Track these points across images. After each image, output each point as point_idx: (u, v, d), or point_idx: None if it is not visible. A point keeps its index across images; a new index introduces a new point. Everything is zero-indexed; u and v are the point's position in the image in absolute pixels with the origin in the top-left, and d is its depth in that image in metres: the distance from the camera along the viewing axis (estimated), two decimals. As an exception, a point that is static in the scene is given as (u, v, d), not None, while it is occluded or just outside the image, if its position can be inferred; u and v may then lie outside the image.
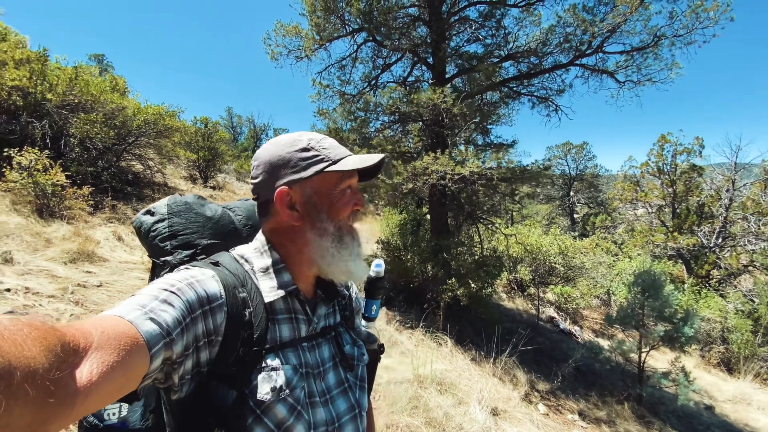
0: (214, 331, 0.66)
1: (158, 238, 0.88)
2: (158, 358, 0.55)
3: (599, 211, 25.21)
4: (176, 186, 11.24)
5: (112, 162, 8.33)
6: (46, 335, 0.41)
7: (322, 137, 0.82)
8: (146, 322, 0.55)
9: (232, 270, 0.74)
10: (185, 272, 0.69)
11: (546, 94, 8.47)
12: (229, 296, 0.69)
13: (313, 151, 0.78)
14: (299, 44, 8.42)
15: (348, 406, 0.81)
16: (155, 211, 0.92)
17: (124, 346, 0.50)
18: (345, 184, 0.80)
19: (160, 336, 0.56)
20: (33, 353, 0.38)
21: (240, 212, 1.03)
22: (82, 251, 4.96)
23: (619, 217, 20.26)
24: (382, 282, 0.99)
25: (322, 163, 0.77)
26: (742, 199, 13.02)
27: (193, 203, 0.95)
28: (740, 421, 6.39)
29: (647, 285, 6.60)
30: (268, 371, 0.69)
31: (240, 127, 35.30)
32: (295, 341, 0.76)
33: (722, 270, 12.50)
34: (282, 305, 0.77)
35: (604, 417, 5.71)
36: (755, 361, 8.27)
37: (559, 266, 12.06)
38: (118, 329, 0.51)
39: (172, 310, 0.60)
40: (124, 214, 7.53)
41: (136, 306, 0.57)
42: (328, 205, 0.79)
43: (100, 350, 0.47)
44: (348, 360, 0.84)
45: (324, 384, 0.79)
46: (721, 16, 5.35)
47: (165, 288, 0.63)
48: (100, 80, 7.98)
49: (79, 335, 0.46)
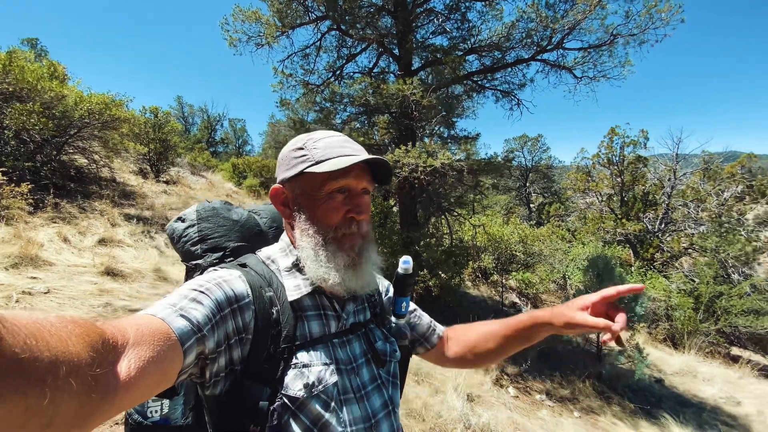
0: (244, 329, 0.68)
1: (189, 243, 0.94)
2: (191, 353, 0.58)
3: (553, 200, 26.52)
4: (126, 181, 10.45)
5: (53, 156, 7.57)
6: (88, 332, 0.43)
7: (326, 136, 0.80)
8: (178, 319, 0.57)
9: (258, 270, 0.77)
10: (213, 273, 0.72)
11: (509, 88, 8.69)
12: (256, 295, 0.72)
13: (303, 150, 0.78)
14: (259, 31, 8.03)
15: (382, 403, 0.81)
16: (185, 217, 0.98)
17: (158, 342, 0.52)
18: (331, 186, 0.76)
19: (191, 332, 0.58)
20: (77, 349, 0.39)
21: (265, 215, 1.07)
22: (25, 255, 4.49)
23: (572, 205, 21.44)
24: (412, 279, 0.97)
25: (305, 162, 0.77)
26: (683, 187, 14.22)
27: (220, 208, 1.00)
28: (688, 392, 7.03)
29: (601, 269, 7.04)
30: (300, 368, 0.70)
31: (192, 117, 33.42)
32: (325, 337, 0.77)
33: (665, 253, 13.62)
34: (310, 302, 0.78)
35: (568, 395, 6.05)
36: (697, 336, 9.11)
37: (519, 254, 12.57)
38: (152, 326, 0.53)
39: (202, 308, 0.62)
40: (68, 213, 6.88)
41: (167, 305, 0.60)
42: (310, 208, 0.78)
43: (137, 347, 0.49)
44: (380, 356, 0.84)
45: (359, 380, 0.79)
46: (672, 18, 5.73)
47: (194, 288, 0.65)
48: (36, 66, 7.16)
49: (117, 333, 0.48)
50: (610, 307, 0.81)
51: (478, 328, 1.06)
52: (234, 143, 34.24)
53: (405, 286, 0.96)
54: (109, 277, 5.00)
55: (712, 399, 6.92)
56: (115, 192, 8.88)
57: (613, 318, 0.78)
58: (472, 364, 1.06)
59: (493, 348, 1.00)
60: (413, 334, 1.04)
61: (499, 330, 1.00)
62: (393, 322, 0.99)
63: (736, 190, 14.42)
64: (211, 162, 18.81)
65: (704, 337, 9.03)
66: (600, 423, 5.45)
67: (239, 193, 15.33)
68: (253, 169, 17.25)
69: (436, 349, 1.06)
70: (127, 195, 9.31)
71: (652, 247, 13.48)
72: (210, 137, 32.34)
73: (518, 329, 0.96)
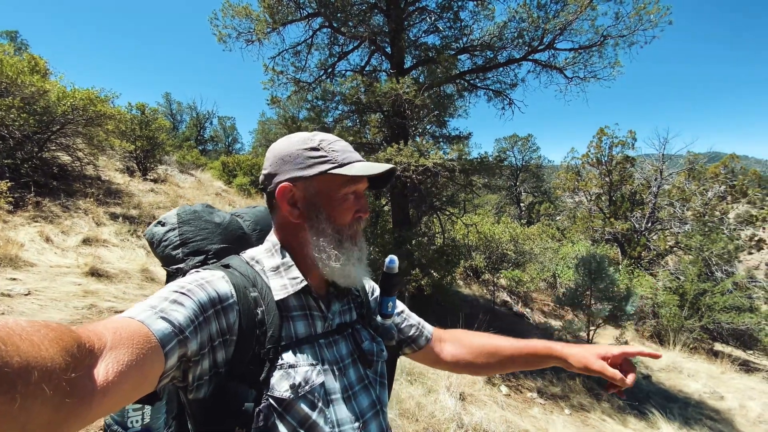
0: (228, 331, 0.67)
1: (170, 247, 0.91)
2: (173, 356, 0.56)
3: (543, 199, 26.83)
4: (111, 179, 10.20)
5: (34, 153, 7.34)
6: (62, 336, 0.41)
7: (336, 139, 0.82)
8: (158, 321, 0.56)
9: (242, 271, 0.76)
10: (195, 275, 0.71)
11: (500, 87, 8.74)
12: (240, 296, 0.70)
13: (321, 152, 0.78)
14: (250, 27, 7.91)
15: (369, 403, 0.80)
16: (165, 221, 0.95)
17: (138, 344, 0.50)
18: (349, 188, 0.79)
19: (172, 334, 0.56)
20: (50, 353, 0.38)
21: (248, 218, 1.05)
22: (4, 256, 4.34)
23: (562, 204, 21.71)
24: (397, 278, 0.96)
25: (327, 164, 0.77)
26: (669, 187, 14.49)
27: (201, 211, 0.97)
28: (674, 388, 7.16)
29: (593, 268, 7.12)
30: (286, 369, 0.70)
31: (180, 114, 32.86)
32: (311, 338, 0.77)
33: (652, 251, 13.88)
34: (295, 302, 0.78)
35: (559, 393, 6.11)
36: (683, 332, 9.30)
37: (510, 252, 12.68)
38: (130, 329, 0.52)
39: (184, 309, 0.61)
40: (51, 212, 6.69)
41: (146, 307, 0.58)
42: (328, 208, 0.79)
43: (115, 350, 0.48)
44: (366, 356, 0.84)
45: (346, 380, 0.79)
46: (660, 20, 5.82)
47: (175, 290, 0.64)
48: (16, 60, 6.93)
49: (94, 336, 0.47)
50: (625, 362, 0.89)
51: (485, 339, 1.07)
52: (224, 141, 33.82)
53: (391, 286, 0.95)
54: (94, 277, 4.86)
55: (697, 394, 7.07)
56: (100, 190, 8.66)
57: (625, 371, 0.88)
58: (467, 370, 1.06)
59: (494, 363, 1.02)
60: (400, 335, 1.03)
61: (508, 348, 1.01)
62: (379, 321, 0.97)
63: (719, 190, 14.75)
64: (200, 160, 18.52)
65: (689, 334, 9.22)
66: (590, 419, 5.51)
67: (229, 192, 15.12)
68: (243, 167, 17.03)
69: (426, 350, 1.05)
70: (113, 193, 9.09)
71: (639, 245, 13.71)
72: (199, 135, 31.86)
73: (530, 354, 0.99)
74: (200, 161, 18.20)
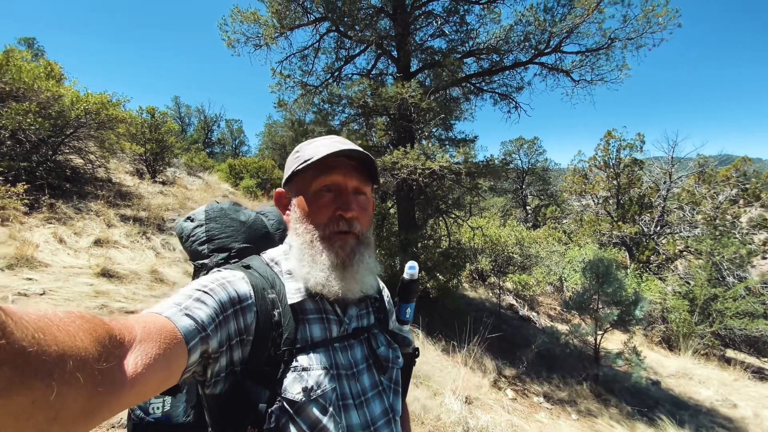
0: (245, 330, 0.69)
1: (196, 243, 0.94)
2: (196, 351, 0.58)
3: (549, 202, 26.63)
4: (122, 182, 10.36)
5: (49, 156, 7.49)
6: (96, 327, 0.43)
7: (321, 138, 0.82)
8: (183, 318, 0.58)
9: (261, 272, 0.77)
10: (217, 274, 0.73)
11: (506, 90, 8.73)
12: (258, 297, 0.72)
13: (298, 153, 0.80)
14: (258, 32, 8.02)
15: (382, 410, 0.79)
16: (194, 217, 0.98)
17: (164, 339, 0.53)
18: (319, 183, 0.77)
19: (196, 331, 0.58)
20: (85, 344, 0.39)
21: (272, 217, 1.07)
22: (20, 256, 4.44)
23: (568, 208, 21.53)
24: (416, 285, 0.97)
25: (296, 163, 0.79)
26: (678, 190, 14.31)
27: (228, 209, 1.00)
28: (684, 395, 7.05)
29: (601, 272, 7.06)
30: (299, 371, 0.70)
31: (189, 117, 33.35)
32: (326, 341, 0.76)
33: (661, 255, 13.70)
34: (312, 305, 0.78)
35: (566, 397, 6.06)
36: (693, 338, 9.16)
37: (516, 256, 12.60)
38: (158, 324, 0.54)
39: (206, 307, 0.63)
40: (64, 214, 6.81)
41: (172, 304, 0.60)
42: (301, 207, 0.79)
43: (144, 343, 0.49)
44: (381, 362, 0.83)
45: (359, 386, 0.78)
46: (669, 22, 5.78)
47: (198, 288, 0.66)
48: (33, 66, 7.09)
49: (124, 329, 0.48)
50: None
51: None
52: (231, 144, 34.19)
53: (410, 292, 0.96)
54: (105, 278, 4.95)
55: (708, 401, 6.95)
56: (111, 192, 8.81)
57: None
58: None
59: None
60: None
61: None
62: (397, 328, 0.98)
63: (731, 193, 14.55)
64: (208, 163, 18.72)
65: (699, 340, 9.07)
66: (597, 425, 5.45)
67: (236, 194, 15.25)
68: (250, 170, 17.18)
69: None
70: (123, 195, 9.23)
71: (647, 249, 13.56)
72: (207, 138, 32.25)
73: None
74: (208, 164, 18.40)
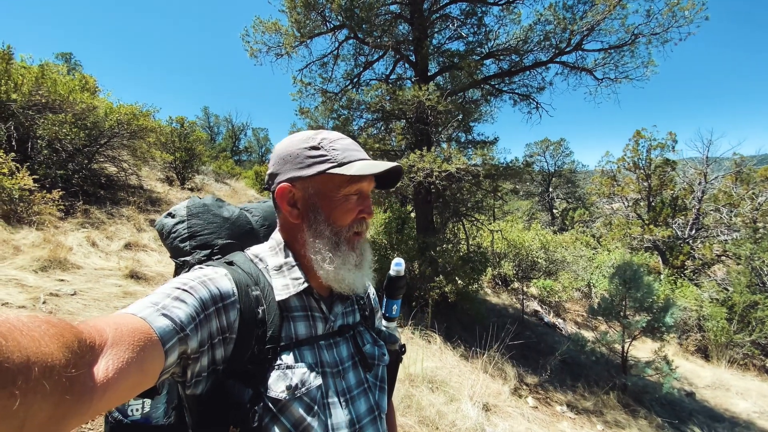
0: (228, 329, 0.67)
1: (178, 239, 0.91)
2: (173, 353, 0.56)
3: (577, 205, 25.86)
4: (152, 188, 10.84)
5: (84, 164, 7.94)
6: (63, 332, 0.41)
7: (339, 137, 0.80)
8: (159, 318, 0.56)
9: (245, 269, 0.75)
10: (198, 271, 0.71)
11: (527, 91, 8.57)
12: (242, 294, 0.70)
13: (321, 150, 0.76)
14: (279, 41, 8.24)
15: (368, 408, 0.79)
16: (175, 213, 0.95)
17: (138, 342, 0.50)
18: (350, 188, 0.77)
19: (173, 331, 0.56)
20: (50, 349, 0.38)
21: (257, 213, 1.04)
22: (54, 258, 4.70)
23: (597, 211, 20.83)
24: (403, 281, 0.95)
25: (326, 163, 0.75)
26: (714, 191, 13.58)
27: (210, 205, 0.97)
28: (720, 407, 6.64)
29: (628, 277, 6.77)
30: (283, 369, 0.69)
31: (217, 126, 34.61)
32: (311, 339, 0.75)
33: (696, 260, 13.00)
34: (297, 303, 0.76)
35: (591, 407, 5.82)
36: (731, 348, 8.61)
37: (541, 260, 12.28)
38: (131, 326, 0.52)
39: (185, 306, 0.60)
40: (97, 219, 7.19)
41: (148, 304, 0.58)
42: (327, 208, 0.77)
43: (115, 347, 0.47)
44: (367, 360, 0.82)
45: (344, 383, 0.77)
46: (696, 15, 5.52)
47: (177, 286, 0.64)
48: (68, 79, 7.59)
49: (95, 333, 0.47)
50: None
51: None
52: (257, 151, 35.17)
53: (396, 289, 0.95)
54: (133, 280, 5.18)
55: (746, 413, 6.53)
56: (141, 199, 9.22)
57: None
58: None
59: None
60: None
61: None
62: (383, 325, 0.97)
63: (773, 194, 13.65)
64: (235, 170, 19.31)
65: (738, 349, 8.52)
66: (625, 437, 5.21)
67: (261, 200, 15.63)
68: (275, 176, 17.55)
69: None
70: (154, 201, 9.65)
71: (682, 254, 12.89)
72: (234, 146, 33.32)
73: None
74: (235, 171, 18.97)
